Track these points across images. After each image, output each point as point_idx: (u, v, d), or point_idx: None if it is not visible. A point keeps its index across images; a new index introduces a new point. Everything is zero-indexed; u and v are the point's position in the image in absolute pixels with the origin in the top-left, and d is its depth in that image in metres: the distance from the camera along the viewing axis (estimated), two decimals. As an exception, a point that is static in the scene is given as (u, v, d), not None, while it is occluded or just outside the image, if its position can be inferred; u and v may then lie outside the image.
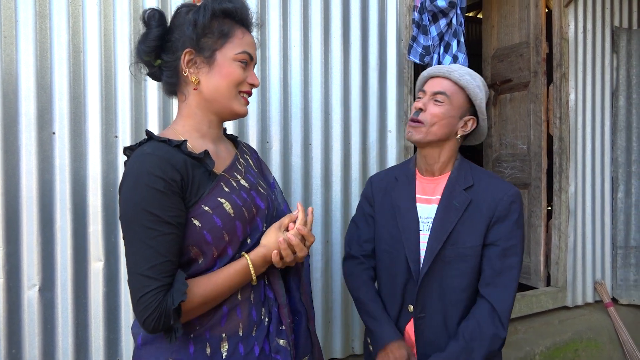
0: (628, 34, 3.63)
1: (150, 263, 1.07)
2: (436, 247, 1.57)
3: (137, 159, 1.12)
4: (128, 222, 1.09)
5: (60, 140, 1.88)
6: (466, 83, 1.59)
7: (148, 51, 1.22)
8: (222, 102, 1.24)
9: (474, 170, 1.66)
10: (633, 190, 3.64)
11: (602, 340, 3.41)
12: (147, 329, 1.08)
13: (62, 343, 1.89)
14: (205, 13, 1.19)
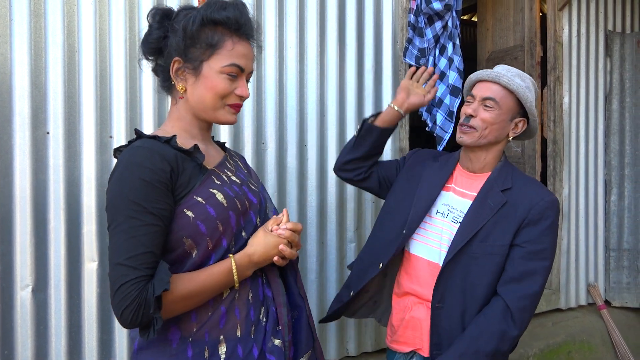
0: (621, 38, 3.65)
1: (131, 253, 1.05)
2: (460, 242, 1.58)
3: (127, 152, 1.11)
4: (113, 213, 1.08)
5: (55, 140, 1.86)
6: (516, 87, 1.59)
7: (149, 52, 1.24)
8: (207, 112, 1.23)
9: (515, 173, 1.67)
10: (626, 193, 3.66)
11: (595, 343, 3.42)
12: (125, 322, 1.04)
13: (55, 344, 1.88)
14: (194, 22, 1.17)
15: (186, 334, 1.15)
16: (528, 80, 1.65)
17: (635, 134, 3.63)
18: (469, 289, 1.59)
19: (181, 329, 1.14)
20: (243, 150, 2.23)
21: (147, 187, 1.07)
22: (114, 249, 1.06)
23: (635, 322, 3.68)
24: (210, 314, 1.17)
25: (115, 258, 1.05)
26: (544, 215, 1.55)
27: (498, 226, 1.58)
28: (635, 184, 3.64)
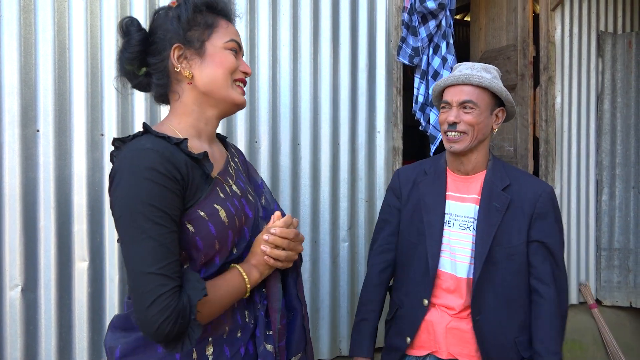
0: (613, 39, 3.67)
1: (164, 262, 1.01)
2: (484, 251, 1.60)
3: (136, 152, 1.06)
4: (132, 218, 1.02)
5: (45, 138, 1.84)
6: (488, 83, 1.60)
7: (132, 57, 1.17)
8: (219, 92, 1.20)
9: (507, 169, 1.70)
10: (617, 193, 3.68)
11: (586, 342, 3.44)
12: (160, 335, 1.00)
13: (45, 344, 1.86)
14: (187, 7, 1.17)
15: None
16: (493, 70, 1.68)
17: (627, 134, 3.66)
18: (500, 294, 1.62)
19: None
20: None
21: (166, 192, 1.04)
22: (142, 257, 1.01)
23: (625, 321, 3.71)
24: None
25: (146, 267, 1.00)
26: (551, 207, 1.62)
27: (509, 228, 1.61)
28: (626, 184, 3.67)
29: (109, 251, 1.96)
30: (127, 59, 1.17)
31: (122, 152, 1.10)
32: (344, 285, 2.55)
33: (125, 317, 1.17)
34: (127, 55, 1.17)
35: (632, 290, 3.64)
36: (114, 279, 1.97)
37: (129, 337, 1.13)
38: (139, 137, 1.11)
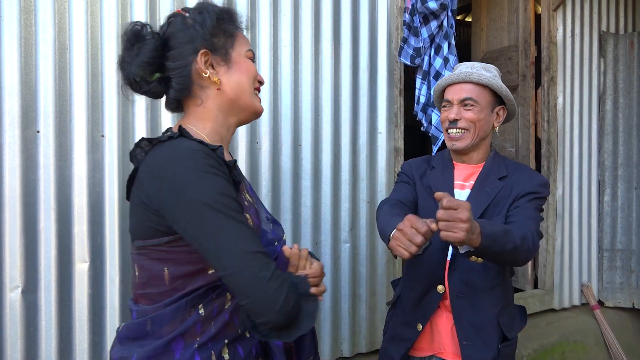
0: (615, 39, 3.66)
1: (257, 242, 1.04)
2: None
3: (184, 151, 1.06)
4: (213, 209, 1.02)
5: (45, 139, 1.84)
6: (488, 81, 1.62)
7: (147, 63, 1.14)
8: (245, 99, 1.22)
9: (507, 162, 1.73)
10: (619, 194, 3.67)
11: (589, 343, 3.43)
12: (283, 313, 1.01)
13: (45, 346, 1.85)
14: (210, 15, 1.18)
15: (189, 342, 1.11)
16: (493, 69, 1.69)
17: (629, 134, 3.65)
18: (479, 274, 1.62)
19: (185, 339, 1.11)
20: (237, 150, 2.21)
21: (229, 184, 1.07)
22: (241, 239, 1.02)
23: (628, 322, 3.70)
24: (213, 323, 1.13)
25: (249, 247, 1.02)
26: (535, 190, 1.62)
27: (496, 209, 1.63)
28: (628, 185, 3.65)
29: (109, 252, 1.95)
30: (140, 63, 1.14)
31: (161, 152, 1.08)
32: (345, 286, 2.54)
33: (136, 325, 1.14)
34: (139, 61, 1.13)
35: (635, 292, 3.63)
36: (115, 280, 1.96)
37: (146, 345, 1.11)
38: (174, 139, 1.10)
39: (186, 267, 1.10)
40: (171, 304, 1.10)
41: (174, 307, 1.09)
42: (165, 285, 1.10)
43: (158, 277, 1.11)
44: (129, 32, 1.15)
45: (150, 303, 1.13)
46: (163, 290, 1.11)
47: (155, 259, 1.11)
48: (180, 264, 1.09)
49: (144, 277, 1.14)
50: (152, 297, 1.13)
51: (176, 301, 1.10)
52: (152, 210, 1.07)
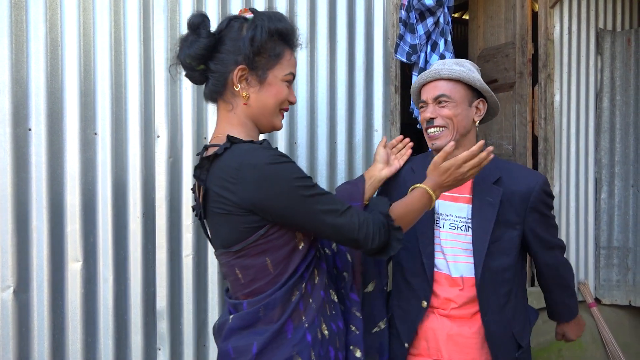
0: (612, 36, 3.65)
1: (337, 200, 1.24)
2: (483, 250, 1.59)
3: (253, 151, 1.20)
4: (300, 196, 1.18)
5: (37, 137, 1.81)
6: (458, 75, 1.58)
7: (194, 57, 1.26)
8: (267, 118, 1.32)
9: (497, 161, 1.68)
10: (616, 191, 3.67)
11: (585, 340, 3.42)
12: (376, 248, 1.25)
13: (37, 346, 1.83)
14: (262, 31, 1.25)
15: (297, 322, 1.27)
16: (466, 63, 1.66)
17: (626, 132, 3.64)
18: (501, 290, 1.63)
19: (293, 320, 1.27)
20: (231, 148, 2.19)
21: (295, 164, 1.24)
22: (331, 207, 1.21)
23: (624, 320, 3.69)
24: (311, 300, 1.31)
25: (337, 211, 1.22)
26: (544, 199, 1.65)
27: (503, 223, 1.61)
28: (625, 182, 3.65)
29: (102, 251, 1.93)
30: (189, 56, 1.26)
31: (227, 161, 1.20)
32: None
33: (249, 314, 1.28)
34: (190, 53, 1.25)
35: (632, 289, 3.63)
36: (108, 279, 1.94)
37: (264, 332, 1.25)
38: (229, 148, 1.22)
39: (283, 250, 1.26)
40: (280, 288, 1.26)
41: (282, 291, 1.26)
42: (271, 273, 1.26)
43: (263, 269, 1.26)
44: (190, 21, 1.26)
45: (261, 294, 1.28)
46: (270, 279, 1.27)
47: (256, 254, 1.25)
48: (277, 249, 1.25)
49: (250, 275, 1.28)
50: (262, 289, 1.28)
51: (283, 285, 1.26)
52: (244, 212, 1.20)
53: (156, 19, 2.02)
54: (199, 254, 2.13)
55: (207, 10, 2.12)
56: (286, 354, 1.24)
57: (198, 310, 2.14)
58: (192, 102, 2.08)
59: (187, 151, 2.08)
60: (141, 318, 2.01)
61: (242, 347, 1.26)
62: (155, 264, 2.04)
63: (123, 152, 1.97)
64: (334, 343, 1.34)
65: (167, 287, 2.06)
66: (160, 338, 2.06)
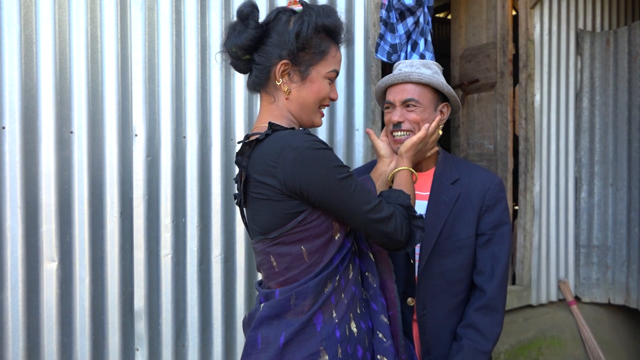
0: (592, 37, 3.70)
1: (372, 193, 1.26)
2: (430, 243, 1.59)
3: (291, 139, 1.19)
4: (336, 181, 1.20)
5: (11, 136, 1.79)
6: (428, 80, 1.58)
7: (240, 47, 1.27)
8: (306, 113, 1.33)
9: (457, 162, 1.71)
10: (595, 191, 3.71)
11: (565, 338, 3.46)
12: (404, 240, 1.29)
13: (12, 347, 1.81)
14: (308, 27, 1.24)
15: (327, 317, 1.26)
16: (433, 65, 1.65)
17: (605, 131, 3.68)
18: (446, 287, 1.62)
19: (323, 313, 1.26)
20: (211, 147, 2.18)
21: (334, 153, 1.24)
22: (364, 198, 1.23)
23: (604, 317, 3.74)
24: (344, 295, 1.30)
25: (371, 202, 1.24)
26: (498, 198, 1.64)
27: (458, 220, 1.62)
28: (604, 181, 3.69)
29: (79, 251, 1.91)
30: (235, 45, 1.27)
31: (269, 146, 1.21)
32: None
33: (279, 302, 1.27)
34: (236, 43, 1.26)
35: (611, 287, 3.68)
36: (85, 279, 1.92)
37: (293, 324, 1.25)
38: (270, 135, 1.23)
39: (319, 240, 1.26)
40: (313, 278, 1.26)
41: (315, 280, 1.25)
42: (306, 262, 1.26)
43: (298, 257, 1.26)
44: (240, 10, 1.26)
45: (294, 283, 1.28)
46: (304, 268, 1.26)
47: (292, 242, 1.25)
48: (313, 238, 1.25)
49: (285, 263, 1.28)
50: (295, 278, 1.28)
51: (317, 275, 1.26)
52: (285, 196, 1.21)
53: (134, 17, 2.00)
54: (177, 253, 2.12)
55: (185, 6, 2.10)
56: (313, 347, 1.23)
57: (177, 310, 2.12)
58: (170, 100, 2.07)
59: (166, 150, 2.07)
60: (118, 318, 2.00)
61: (270, 338, 1.26)
62: (132, 263, 2.03)
63: (100, 151, 1.95)
64: (363, 342, 1.32)
65: (145, 287, 2.05)
66: (138, 338, 2.05)
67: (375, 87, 1.72)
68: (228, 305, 2.24)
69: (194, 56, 2.12)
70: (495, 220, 1.63)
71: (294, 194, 1.21)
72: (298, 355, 1.23)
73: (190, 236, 2.14)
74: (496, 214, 1.63)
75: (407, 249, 1.34)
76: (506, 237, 1.64)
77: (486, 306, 1.59)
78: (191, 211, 2.13)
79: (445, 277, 1.61)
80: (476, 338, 1.57)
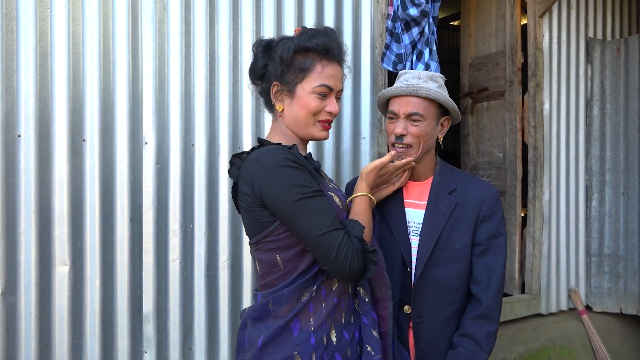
0: (602, 45, 3.69)
1: (329, 219, 1.27)
2: (426, 252, 1.62)
3: (265, 154, 1.30)
4: (291, 201, 1.25)
5: (26, 143, 1.86)
6: (436, 95, 1.59)
7: (254, 77, 1.47)
8: (301, 128, 1.42)
9: (454, 173, 1.73)
10: (607, 199, 3.69)
11: (575, 348, 3.44)
12: (352, 273, 1.27)
13: (25, 348, 1.87)
14: (289, 50, 1.37)
15: (305, 324, 1.33)
16: (439, 78, 1.66)
17: (616, 140, 3.67)
18: (442, 296, 1.64)
19: (300, 320, 1.33)
20: (219, 154, 2.23)
21: (301, 172, 1.28)
22: (314, 225, 1.26)
23: (616, 327, 3.70)
24: (324, 305, 1.35)
25: (320, 229, 1.25)
26: (494, 209, 1.66)
27: (455, 229, 1.64)
28: (615, 190, 3.67)
29: (90, 255, 1.97)
30: (252, 77, 1.48)
31: (250, 158, 1.32)
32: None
33: (260, 306, 1.36)
34: (252, 75, 1.47)
35: (623, 297, 3.64)
36: (95, 282, 1.98)
37: (271, 327, 1.33)
38: (257, 148, 1.35)
39: (292, 250, 1.33)
40: (288, 285, 1.33)
41: (291, 288, 1.32)
42: (281, 270, 1.34)
43: (274, 265, 1.35)
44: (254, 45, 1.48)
45: (272, 288, 1.36)
46: (280, 275, 1.34)
47: (268, 250, 1.34)
48: (287, 248, 1.32)
49: (264, 268, 1.38)
50: (273, 284, 1.36)
51: (292, 283, 1.33)
52: (257, 206, 1.30)
53: (144, 29, 2.07)
54: (185, 258, 2.17)
55: (195, 18, 2.17)
56: (288, 352, 1.30)
57: (184, 314, 2.17)
58: (179, 109, 2.13)
59: (175, 158, 2.13)
60: (127, 321, 2.05)
61: (253, 339, 1.35)
62: (142, 268, 2.08)
63: (111, 158, 2.01)
64: (343, 351, 1.37)
65: (154, 291, 2.10)
66: (147, 341, 2.10)
67: (380, 94, 1.72)
68: (235, 310, 2.28)
69: (202, 66, 2.18)
70: (492, 230, 1.65)
71: (263, 205, 1.31)
72: (275, 357, 1.31)
73: (198, 242, 2.19)
74: (492, 225, 1.66)
75: (360, 282, 1.37)
76: (502, 248, 1.67)
77: (483, 316, 1.61)
78: (199, 217, 2.18)
79: (442, 285, 1.63)
80: (472, 347, 1.59)
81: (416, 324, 1.65)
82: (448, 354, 1.62)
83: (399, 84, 1.66)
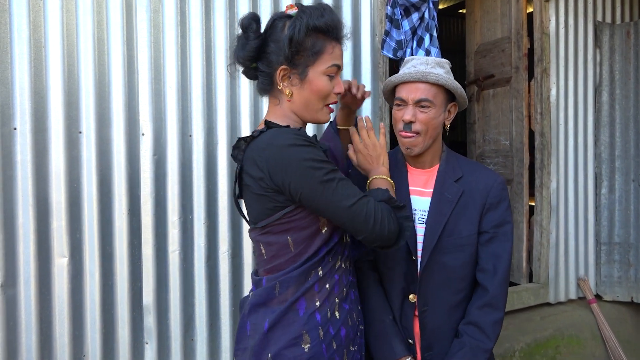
0: (611, 29, 3.61)
1: (354, 188, 1.28)
2: (432, 240, 1.60)
3: (278, 136, 1.26)
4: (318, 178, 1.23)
5: (22, 136, 1.86)
6: (445, 81, 1.57)
7: (245, 58, 1.35)
8: (310, 113, 1.38)
9: (460, 161, 1.71)
10: (617, 186, 3.62)
11: (584, 337, 3.39)
12: (392, 235, 1.29)
13: (25, 340, 1.88)
14: (300, 31, 1.28)
15: (310, 303, 1.32)
16: (446, 64, 1.64)
17: (626, 126, 3.59)
18: (448, 284, 1.63)
19: (306, 300, 1.32)
20: (217, 145, 2.22)
21: (319, 150, 1.27)
22: (346, 193, 1.26)
23: (626, 316, 3.65)
24: (328, 284, 1.35)
25: (353, 197, 1.26)
26: (501, 197, 1.64)
27: (461, 217, 1.62)
28: (626, 177, 3.60)
29: (88, 247, 1.98)
30: (242, 57, 1.35)
31: (259, 142, 1.28)
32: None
33: (265, 290, 1.35)
34: (242, 54, 1.34)
35: (633, 285, 3.58)
36: (95, 274, 1.99)
37: (276, 310, 1.31)
38: (264, 132, 1.30)
39: (305, 231, 1.31)
40: (297, 267, 1.32)
41: (299, 270, 1.31)
42: (291, 252, 1.32)
43: (284, 247, 1.33)
44: (240, 23, 1.34)
45: (279, 271, 1.34)
46: (289, 257, 1.33)
47: (279, 232, 1.32)
48: (299, 229, 1.31)
49: (272, 251, 1.35)
50: (281, 267, 1.34)
51: (302, 265, 1.32)
52: (273, 190, 1.27)
53: (139, 19, 2.05)
54: (185, 250, 2.16)
55: (190, 7, 2.15)
56: (296, 332, 1.29)
57: (185, 305, 2.17)
58: (176, 100, 2.12)
59: (172, 149, 2.12)
60: (128, 313, 2.06)
61: (257, 325, 1.33)
62: (141, 259, 2.08)
63: (108, 150, 2.01)
64: (346, 322, 1.39)
65: (154, 283, 2.10)
66: (148, 332, 2.10)
67: (386, 81, 1.69)
68: (235, 301, 2.27)
69: (199, 56, 2.16)
70: (498, 218, 1.64)
71: (280, 189, 1.27)
72: (283, 339, 1.29)
73: (198, 233, 2.18)
74: (499, 213, 1.64)
75: (399, 244, 1.34)
76: (509, 236, 1.64)
77: (488, 304, 1.59)
78: (198, 208, 2.18)
79: (447, 274, 1.62)
80: (478, 336, 1.57)
81: (422, 312, 1.63)
82: (454, 343, 1.60)
83: (407, 70, 1.62)
